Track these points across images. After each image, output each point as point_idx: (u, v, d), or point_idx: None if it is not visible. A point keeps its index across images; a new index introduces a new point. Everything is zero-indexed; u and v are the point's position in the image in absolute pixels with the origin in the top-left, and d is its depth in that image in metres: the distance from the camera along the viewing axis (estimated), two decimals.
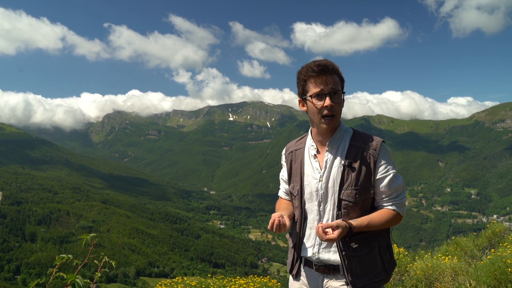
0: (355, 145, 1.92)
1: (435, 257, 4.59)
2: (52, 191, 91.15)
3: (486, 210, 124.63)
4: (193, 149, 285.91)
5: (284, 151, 2.18)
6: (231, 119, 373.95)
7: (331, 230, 1.75)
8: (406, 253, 5.35)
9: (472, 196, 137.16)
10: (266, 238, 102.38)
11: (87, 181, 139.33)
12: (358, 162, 1.88)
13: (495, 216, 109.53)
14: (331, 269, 1.92)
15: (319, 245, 1.94)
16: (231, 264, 71.36)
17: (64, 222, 73.63)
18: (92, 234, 1.63)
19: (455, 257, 4.73)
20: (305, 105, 1.95)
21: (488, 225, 6.07)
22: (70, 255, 1.47)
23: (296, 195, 2.03)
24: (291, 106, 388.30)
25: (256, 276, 5.79)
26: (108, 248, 59.72)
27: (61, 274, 1.43)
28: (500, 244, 4.65)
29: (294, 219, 2.09)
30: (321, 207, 1.94)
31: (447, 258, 4.43)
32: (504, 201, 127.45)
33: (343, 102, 1.92)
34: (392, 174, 1.89)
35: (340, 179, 1.89)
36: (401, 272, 4.68)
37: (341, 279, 1.90)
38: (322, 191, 1.92)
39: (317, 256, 1.94)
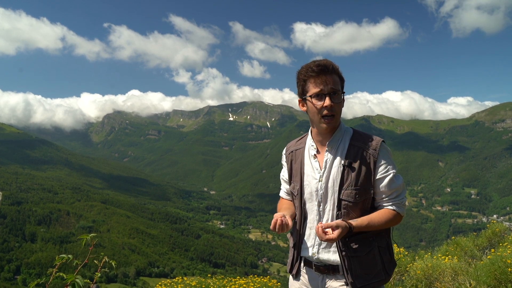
0: (355, 145, 1.91)
1: (435, 257, 4.59)
2: (52, 191, 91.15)
3: (486, 210, 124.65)
4: (193, 149, 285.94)
5: (285, 151, 2.17)
6: (231, 119, 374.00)
7: (330, 230, 1.74)
8: (406, 253, 5.35)
9: (472, 196, 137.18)
10: (266, 238, 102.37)
11: (87, 181, 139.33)
12: (358, 162, 1.87)
13: (495, 216, 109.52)
14: (330, 269, 1.92)
15: (318, 245, 1.94)
16: (231, 264, 71.35)
17: (64, 222, 73.63)
18: (92, 234, 1.62)
19: (455, 257, 4.73)
20: (305, 105, 1.95)
21: (488, 225, 6.08)
22: (70, 255, 1.47)
23: (296, 195, 2.03)
24: (291, 106, 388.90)
25: (256, 276, 5.79)
26: (108, 248, 59.72)
27: (61, 274, 1.44)
28: (500, 244, 4.65)
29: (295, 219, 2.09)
30: (320, 207, 1.93)
31: (447, 258, 4.43)
32: (504, 201, 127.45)
33: (343, 102, 1.91)
34: (392, 174, 1.88)
35: (340, 179, 1.88)
36: (401, 272, 4.68)
37: (340, 279, 1.89)
38: (322, 191, 1.92)
39: (316, 256, 1.94)
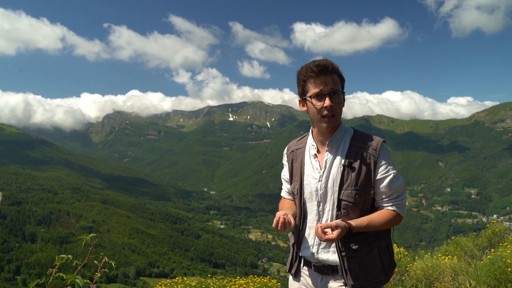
0: (356, 145, 1.90)
1: (435, 257, 4.59)
2: (52, 191, 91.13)
3: (486, 210, 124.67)
4: (193, 149, 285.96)
5: (286, 150, 2.17)
6: (231, 119, 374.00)
7: (330, 230, 1.73)
8: (406, 253, 5.35)
9: (472, 196, 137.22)
10: (266, 238, 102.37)
11: (87, 181, 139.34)
12: (358, 162, 1.86)
13: (495, 216, 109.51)
14: (329, 269, 1.91)
15: (318, 245, 1.93)
16: (231, 264, 71.34)
17: (64, 222, 73.63)
18: (92, 234, 1.62)
19: (455, 257, 4.73)
20: (305, 105, 1.94)
21: (488, 225, 6.08)
22: (70, 256, 1.47)
23: (296, 194, 2.03)
24: (291, 106, 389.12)
25: (256, 276, 5.80)
26: (108, 249, 59.70)
27: (61, 274, 1.43)
28: (500, 244, 4.65)
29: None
30: (320, 207, 1.92)
31: (447, 258, 4.43)
32: (504, 201, 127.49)
33: (344, 102, 1.90)
34: (392, 175, 1.87)
35: (340, 179, 1.87)
36: (401, 272, 4.68)
37: (339, 280, 1.88)
38: (321, 191, 1.91)
39: (316, 256, 1.93)
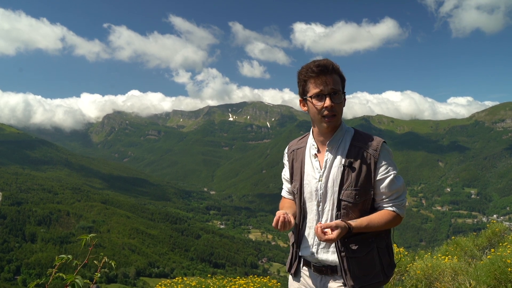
0: (356, 145, 1.90)
1: (435, 257, 4.59)
2: (52, 191, 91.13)
3: (486, 210, 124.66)
4: (193, 149, 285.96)
5: (287, 150, 2.17)
6: (231, 119, 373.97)
7: (330, 230, 1.72)
8: (406, 253, 5.35)
9: (472, 196, 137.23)
10: (266, 238, 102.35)
11: (87, 181, 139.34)
12: (358, 163, 1.86)
13: (495, 216, 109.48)
14: (329, 269, 1.90)
15: (317, 245, 1.93)
16: (231, 264, 71.33)
17: (64, 222, 73.61)
18: (92, 235, 1.62)
19: (455, 257, 4.73)
20: (306, 105, 1.94)
21: (488, 225, 6.08)
22: (69, 256, 1.47)
23: (296, 194, 2.03)
24: (291, 106, 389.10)
25: (256, 276, 5.80)
26: (108, 249, 59.70)
27: (60, 274, 1.43)
28: (500, 244, 4.66)
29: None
30: (320, 207, 1.92)
31: (447, 258, 4.43)
32: (504, 201, 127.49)
33: (344, 102, 1.90)
34: (392, 175, 1.86)
35: (340, 179, 1.87)
36: (401, 272, 4.68)
37: (339, 280, 1.88)
38: (321, 191, 1.91)
39: (315, 256, 1.92)
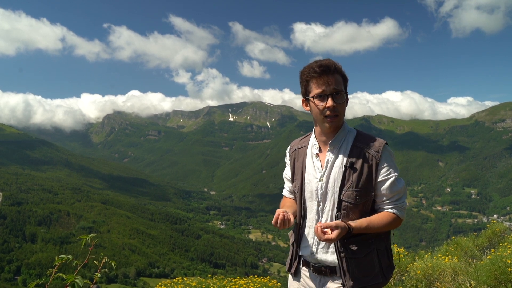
0: (358, 146, 1.90)
1: (435, 257, 4.59)
2: (52, 191, 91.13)
3: (486, 210, 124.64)
4: (193, 149, 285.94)
5: (289, 149, 2.17)
6: (231, 119, 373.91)
7: (329, 230, 1.72)
8: (406, 253, 5.35)
9: (472, 196, 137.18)
10: (266, 238, 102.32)
11: (87, 181, 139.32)
12: (359, 163, 1.86)
13: (495, 216, 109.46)
14: (328, 270, 1.90)
15: (317, 245, 1.92)
16: (232, 264, 71.31)
17: (64, 222, 73.60)
18: (92, 235, 1.62)
19: (455, 257, 4.73)
20: (308, 105, 1.95)
21: (488, 225, 6.08)
22: (69, 256, 1.47)
23: (297, 193, 2.03)
24: (291, 106, 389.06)
25: (256, 276, 5.81)
26: (108, 249, 59.69)
27: (60, 274, 1.43)
28: (500, 244, 4.65)
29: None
30: (320, 206, 1.92)
31: (447, 258, 4.43)
32: (504, 201, 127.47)
33: (347, 102, 1.90)
34: (394, 177, 1.86)
35: (341, 180, 1.87)
36: (401, 272, 4.68)
37: (338, 281, 1.87)
38: (322, 191, 1.91)
39: (314, 256, 1.92)
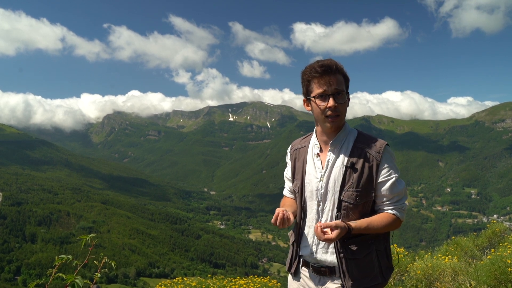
0: (359, 146, 1.90)
1: (435, 257, 4.59)
2: (52, 191, 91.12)
3: (486, 210, 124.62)
4: (193, 149, 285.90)
5: (289, 149, 2.17)
6: (231, 119, 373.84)
7: (329, 230, 1.72)
8: (406, 253, 5.35)
9: (472, 196, 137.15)
10: (266, 238, 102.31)
11: (87, 181, 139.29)
12: (360, 164, 1.86)
13: (495, 216, 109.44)
14: (327, 270, 1.90)
15: (316, 245, 1.92)
16: (232, 264, 71.30)
17: (64, 222, 73.59)
18: (92, 235, 1.62)
19: (455, 257, 4.73)
20: (309, 105, 1.95)
21: (488, 225, 6.08)
22: (69, 256, 1.47)
23: (297, 193, 2.03)
24: (291, 106, 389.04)
25: (256, 276, 5.81)
26: (108, 249, 59.69)
27: (60, 274, 1.43)
28: (500, 244, 4.66)
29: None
30: (320, 206, 1.92)
31: (447, 258, 4.43)
32: (504, 201, 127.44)
33: (348, 102, 1.90)
34: (394, 178, 1.86)
35: (341, 180, 1.87)
36: (401, 272, 4.68)
37: (337, 281, 1.87)
38: (322, 191, 1.91)
39: (314, 256, 1.92)
